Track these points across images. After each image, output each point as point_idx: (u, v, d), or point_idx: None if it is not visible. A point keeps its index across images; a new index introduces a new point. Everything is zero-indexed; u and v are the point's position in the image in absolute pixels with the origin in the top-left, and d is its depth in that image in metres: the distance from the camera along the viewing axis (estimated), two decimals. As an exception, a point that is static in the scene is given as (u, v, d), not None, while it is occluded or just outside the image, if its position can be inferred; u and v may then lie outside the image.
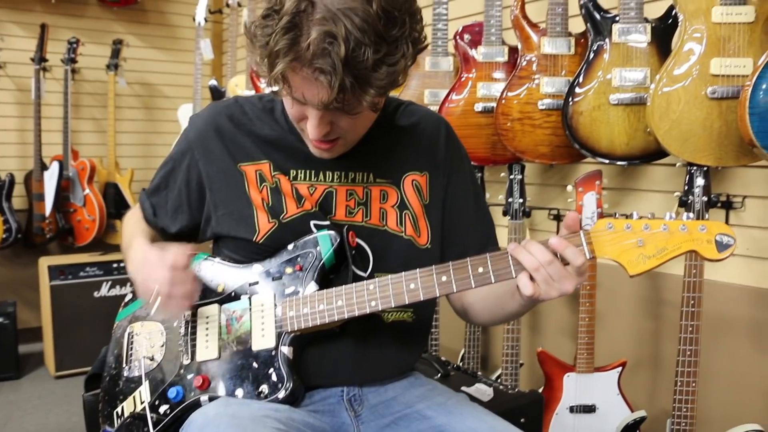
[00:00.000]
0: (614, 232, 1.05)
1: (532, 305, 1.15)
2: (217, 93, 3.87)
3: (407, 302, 1.12)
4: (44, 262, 3.36)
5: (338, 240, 1.20)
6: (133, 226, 1.38)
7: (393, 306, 1.13)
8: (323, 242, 1.20)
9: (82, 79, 3.92)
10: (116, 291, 3.42)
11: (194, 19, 3.89)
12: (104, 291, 3.41)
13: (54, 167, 3.61)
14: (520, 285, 1.06)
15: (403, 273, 1.13)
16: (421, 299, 1.12)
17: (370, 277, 1.21)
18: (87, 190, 3.71)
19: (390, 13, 0.98)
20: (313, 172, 1.24)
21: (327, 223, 1.23)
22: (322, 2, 0.96)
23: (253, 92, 3.50)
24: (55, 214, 3.67)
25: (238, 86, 3.61)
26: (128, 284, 3.46)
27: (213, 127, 1.27)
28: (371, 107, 1.05)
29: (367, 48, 0.97)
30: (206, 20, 3.92)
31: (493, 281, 1.09)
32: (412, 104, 1.36)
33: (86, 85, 3.96)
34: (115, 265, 3.43)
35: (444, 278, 1.11)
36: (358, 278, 1.21)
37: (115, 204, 3.77)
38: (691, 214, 1.07)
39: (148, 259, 1.18)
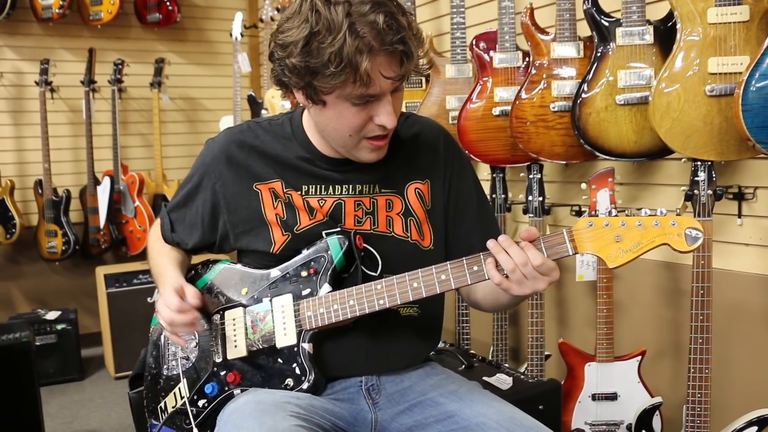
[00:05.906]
0: (594, 229, 1.16)
1: (520, 299, 1.26)
2: (254, 104, 4.04)
3: (411, 299, 1.24)
4: (101, 272, 3.57)
5: (347, 243, 1.31)
6: (160, 248, 1.53)
7: (399, 303, 1.25)
8: (333, 246, 1.32)
9: (128, 97, 4.15)
10: (167, 296, 3.61)
11: (231, 35, 4.06)
12: (156, 296, 3.59)
13: (106, 182, 3.83)
14: (489, 275, 1.18)
15: (407, 273, 1.24)
16: (424, 296, 1.24)
17: (380, 277, 1.31)
18: (137, 202, 3.92)
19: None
20: (322, 187, 1.36)
21: (337, 229, 1.34)
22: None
23: (288, 103, 3.65)
24: (109, 225, 3.89)
25: (274, 98, 3.75)
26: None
27: (227, 155, 1.39)
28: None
29: (409, 15, 1.16)
30: (242, 35, 4.09)
31: (486, 278, 1.20)
32: (412, 115, 1.46)
33: (132, 102, 4.19)
34: (165, 272, 3.61)
35: (443, 276, 1.22)
36: (369, 278, 1.32)
37: (163, 214, 3.96)
38: (664, 209, 1.16)
39: (162, 295, 1.34)
